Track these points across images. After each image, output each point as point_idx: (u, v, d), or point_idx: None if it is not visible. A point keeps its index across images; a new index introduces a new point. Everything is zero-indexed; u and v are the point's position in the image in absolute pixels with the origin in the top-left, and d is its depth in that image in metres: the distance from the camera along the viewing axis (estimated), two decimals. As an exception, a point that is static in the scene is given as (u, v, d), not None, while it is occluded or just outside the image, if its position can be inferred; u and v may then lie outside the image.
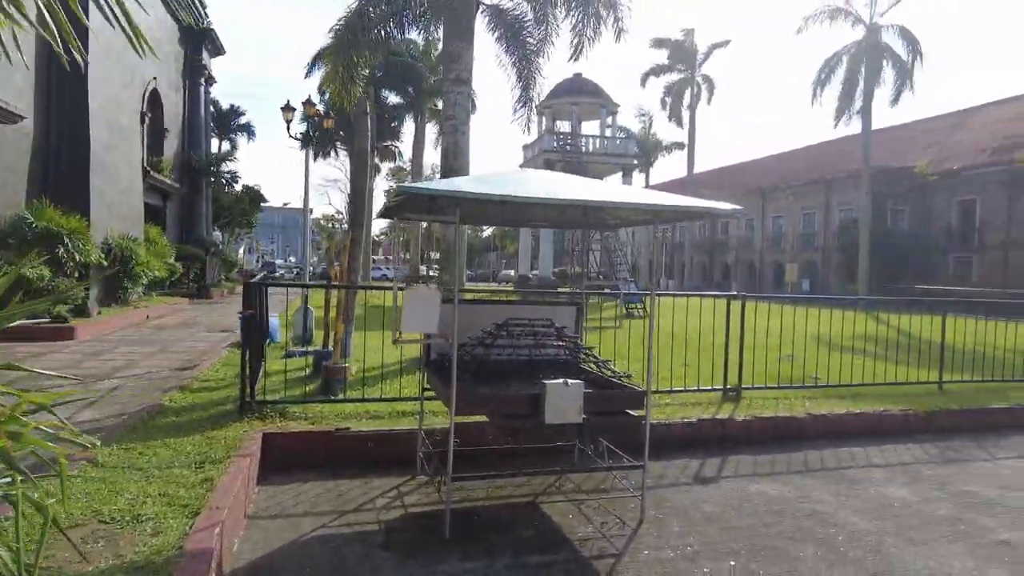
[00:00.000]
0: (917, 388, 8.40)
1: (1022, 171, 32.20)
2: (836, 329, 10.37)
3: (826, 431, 6.66)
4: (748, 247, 50.52)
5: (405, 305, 3.98)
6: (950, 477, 5.51)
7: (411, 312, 3.95)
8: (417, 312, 3.96)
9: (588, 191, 3.89)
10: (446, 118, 9.50)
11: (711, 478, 5.30)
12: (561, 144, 29.13)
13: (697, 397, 7.31)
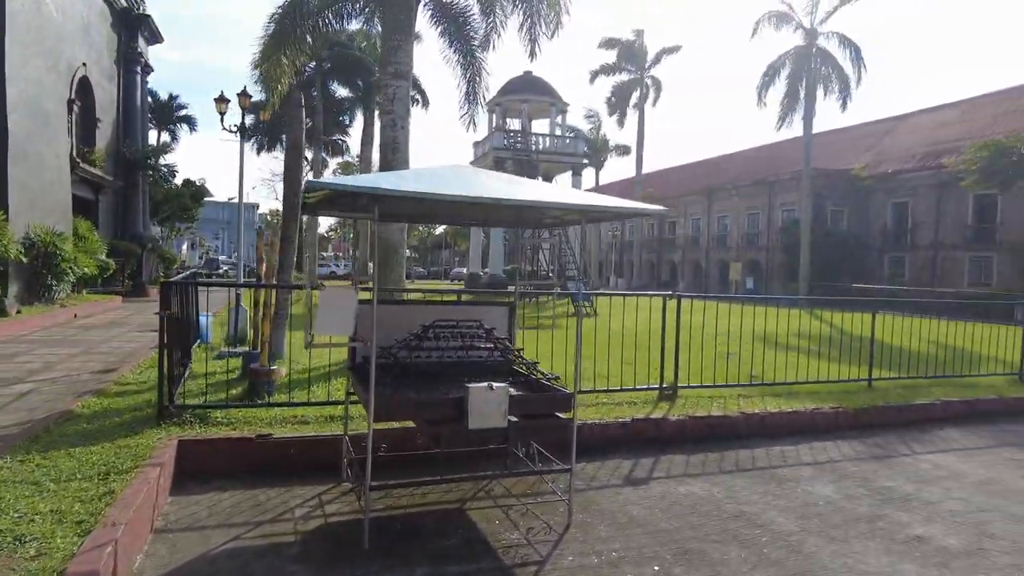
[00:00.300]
0: (849, 385, 8.60)
1: (949, 176, 33.61)
2: (777, 327, 10.56)
3: (759, 429, 6.74)
4: (695, 246, 51.47)
5: (319, 306, 3.80)
6: (873, 473, 5.63)
7: (325, 313, 3.78)
8: (332, 313, 3.79)
9: (511, 190, 3.78)
10: (385, 112, 9.28)
11: (642, 479, 5.28)
12: (511, 142, 29.06)
13: (634, 396, 7.30)
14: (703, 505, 4.73)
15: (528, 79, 32.08)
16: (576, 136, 33.02)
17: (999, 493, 5.22)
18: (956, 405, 7.98)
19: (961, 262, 35.10)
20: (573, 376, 4.57)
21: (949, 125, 39.08)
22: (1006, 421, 7.91)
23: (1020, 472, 5.83)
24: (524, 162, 27.98)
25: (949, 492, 5.20)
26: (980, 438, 7.06)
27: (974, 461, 6.14)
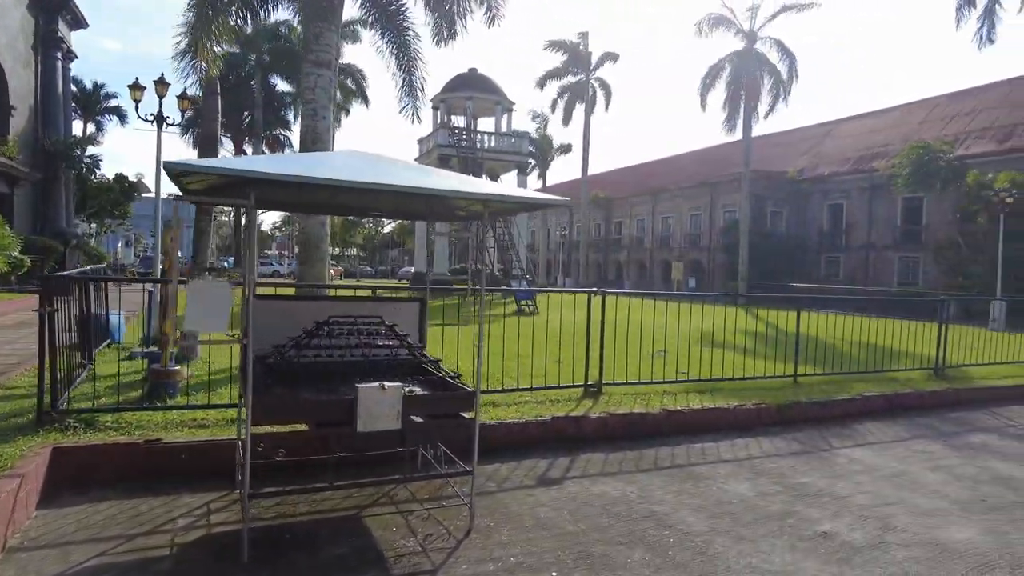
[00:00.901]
0: (775, 382, 8.68)
1: (881, 179, 34.90)
2: (712, 325, 10.59)
3: (682, 427, 6.67)
4: (640, 246, 52.13)
5: (187, 300, 3.49)
6: (790, 469, 5.60)
7: (195, 309, 3.47)
8: (202, 309, 3.48)
9: (401, 177, 3.55)
10: (305, 102, 8.91)
11: (556, 479, 5.11)
12: (456, 140, 28.75)
13: (558, 394, 7.15)
14: (615, 506, 4.59)
15: (473, 76, 31.82)
16: (521, 135, 32.89)
17: (907, 486, 5.25)
18: (875, 400, 8.11)
19: (891, 262, 36.49)
20: (500, 374, 4.36)
21: (880, 130, 40.61)
22: (921, 415, 8.08)
23: (929, 464, 5.91)
24: (469, 160, 27.72)
25: (860, 486, 5.21)
26: (896, 432, 7.17)
27: (888, 454, 6.20)
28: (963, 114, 36.35)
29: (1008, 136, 31.93)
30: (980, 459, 6.18)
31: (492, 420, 5.91)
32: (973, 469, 5.83)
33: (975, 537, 4.24)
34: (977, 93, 37.15)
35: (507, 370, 7.90)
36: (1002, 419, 8.07)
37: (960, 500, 4.97)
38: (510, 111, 33.06)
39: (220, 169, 2.92)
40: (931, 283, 32.60)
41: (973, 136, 33.97)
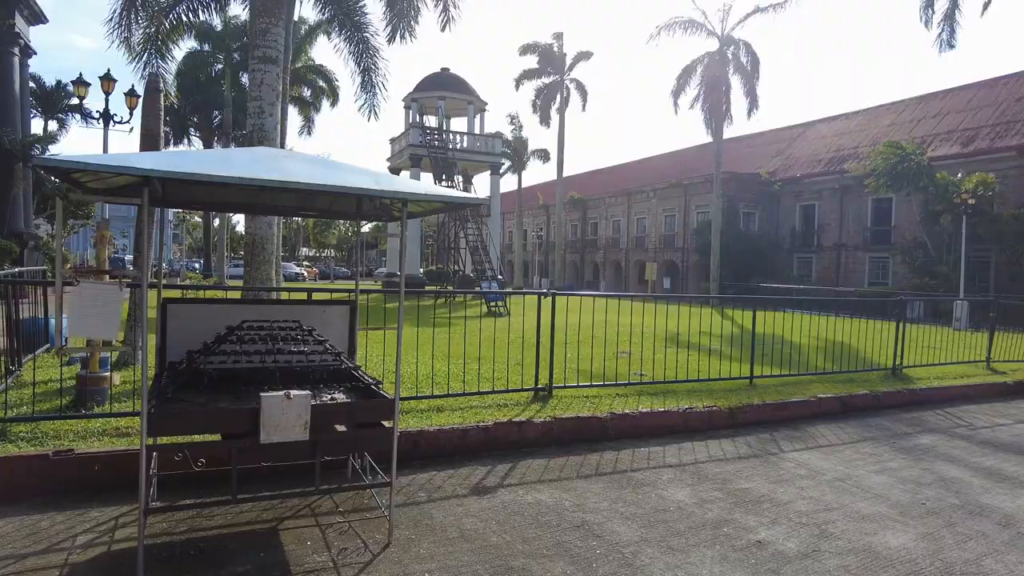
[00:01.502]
0: (732, 383, 8.60)
1: (851, 180, 35.25)
2: (678, 326, 10.52)
3: (629, 430, 6.54)
4: (615, 247, 52.20)
5: (74, 305, 3.26)
6: (734, 474, 5.49)
7: (82, 314, 3.24)
8: (90, 314, 3.26)
9: (300, 174, 3.35)
10: (251, 99, 8.65)
11: (490, 488, 4.94)
12: (428, 140, 28.47)
13: (507, 398, 7.00)
14: (546, 515, 4.43)
15: (445, 76, 31.58)
16: (494, 136, 32.69)
17: (849, 490, 5.16)
18: (830, 401, 8.05)
19: (862, 262, 36.86)
20: (448, 378, 4.17)
21: (850, 133, 41.07)
22: (875, 415, 8.05)
23: (875, 467, 5.83)
24: (441, 160, 27.47)
25: (803, 491, 5.10)
26: (847, 434, 7.10)
27: (835, 457, 6.12)
28: (930, 116, 36.86)
29: (972, 139, 32.42)
30: (926, 461, 6.12)
31: (431, 426, 5.73)
32: (917, 471, 5.76)
33: (909, 544, 4.14)
34: (943, 96, 37.69)
35: (456, 374, 7.73)
36: (953, 419, 8.06)
37: (900, 504, 4.89)
38: (483, 111, 32.84)
39: (92, 165, 2.71)
40: (900, 283, 32.95)
41: (939, 138, 34.45)
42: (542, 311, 7.34)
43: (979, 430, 7.55)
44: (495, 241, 33.19)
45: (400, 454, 5.47)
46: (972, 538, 4.28)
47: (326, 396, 3.98)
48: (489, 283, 22.47)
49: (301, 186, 3.13)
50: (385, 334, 8.32)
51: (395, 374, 4.10)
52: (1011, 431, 7.56)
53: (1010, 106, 32.21)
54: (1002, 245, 26.91)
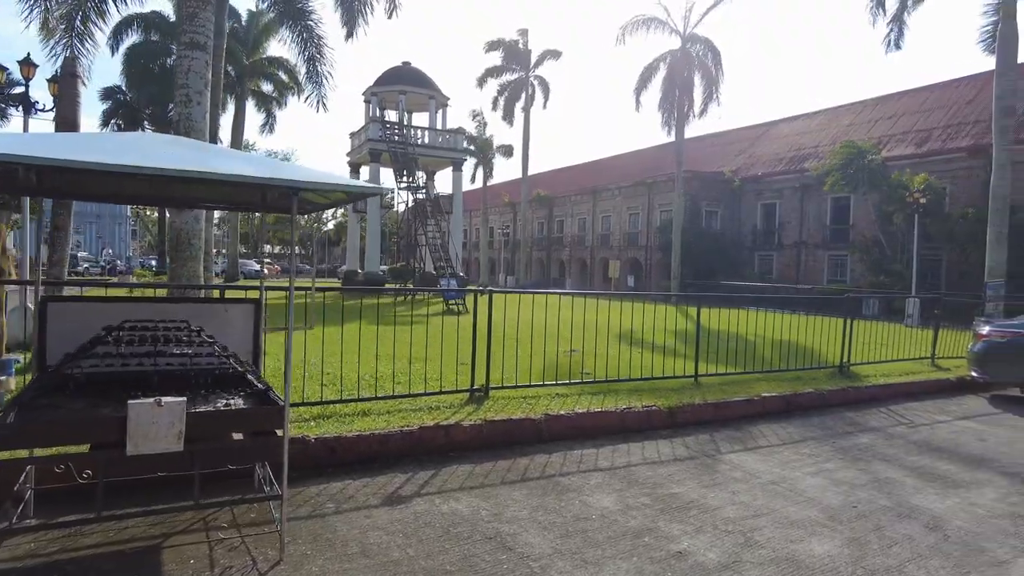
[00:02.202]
0: (676, 382, 8.45)
1: (811, 179, 35.70)
2: (631, 324, 10.32)
3: (565, 432, 6.31)
4: (581, 245, 52.26)
5: None
6: (667, 478, 5.29)
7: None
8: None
9: (172, 159, 3.02)
10: (177, 87, 8.22)
11: (406, 497, 4.65)
12: (388, 134, 27.96)
13: (441, 400, 6.70)
14: (459, 526, 4.17)
15: (406, 70, 31.08)
16: (457, 131, 32.29)
17: (782, 493, 4.99)
18: (774, 400, 7.94)
19: (821, 260, 37.43)
20: (384, 380, 3.86)
21: (810, 132, 41.68)
22: (819, 414, 7.96)
23: (812, 468, 5.69)
24: (401, 155, 26.98)
25: (735, 496, 4.92)
26: (788, 434, 6.98)
27: (773, 459, 5.97)
28: (886, 118, 37.55)
29: (925, 140, 33.09)
30: (863, 461, 6.01)
31: (350, 432, 5.42)
32: (853, 472, 5.64)
33: (834, 551, 3.98)
34: (900, 98, 38.44)
35: (392, 375, 7.42)
36: (894, 417, 8.01)
37: (831, 508, 4.73)
38: (445, 106, 32.42)
39: None
40: (858, 281, 33.52)
41: (895, 139, 35.10)
42: (478, 309, 7.06)
43: (918, 428, 7.51)
44: (457, 238, 32.83)
45: (315, 462, 5.19)
46: (898, 543, 4.14)
47: (213, 402, 3.65)
48: (448, 281, 22.14)
49: (158, 172, 2.80)
50: (326, 332, 7.96)
51: (286, 377, 3.78)
52: (949, 428, 7.53)
53: (961, 108, 32.94)
54: (952, 244, 27.49)
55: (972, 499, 5.06)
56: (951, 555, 3.99)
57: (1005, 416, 8.44)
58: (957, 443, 6.86)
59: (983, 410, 8.83)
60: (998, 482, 5.54)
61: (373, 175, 29.33)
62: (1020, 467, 6.01)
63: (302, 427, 5.51)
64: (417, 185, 25.65)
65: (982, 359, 9.63)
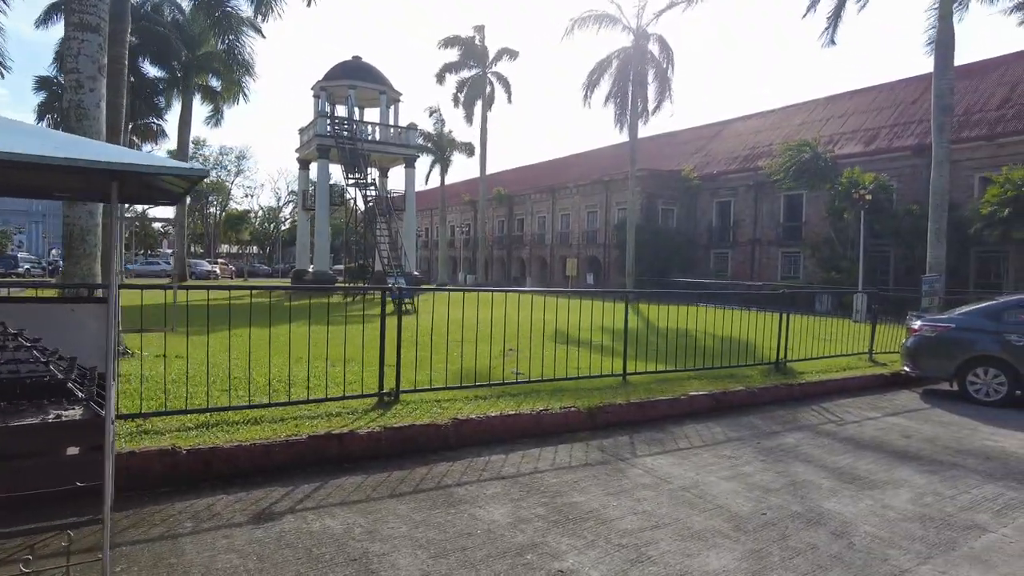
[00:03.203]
0: (605, 381, 8.16)
1: (765, 177, 36.03)
2: (566, 320, 10.02)
3: (476, 437, 5.94)
4: (541, 243, 52.07)
5: None
6: (571, 486, 4.95)
7: None
8: None
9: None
10: (66, 72, 7.61)
11: (278, 514, 4.22)
12: (336, 129, 27.24)
13: (344, 405, 6.27)
14: (325, 545, 3.76)
15: (355, 64, 30.36)
16: (409, 128, 31.67)
17: (689, 501, 4.70)
18: (702, 399, 7.69)
19: (775, 257, 37.80)
20: (276, 384, 3.40)
21: (764, 131, 42.11)
22: (749, 413, 7.74)
23: (728, 472, 5.42)
24: (350, 151, 26.30)
25: (638, 504, 4.61)
26: (713, 434, 6.72)
27: (690, 462, 5.69)
28: (837, 116, 38.12)
29: (873, 138, 33.66)
30: (784, 462, 5.77)
31: (227, 443, 4.96)
32: (771, 475, 5.38)
33: (731, 565, 3.68)
34: (851, 97, 39.06)
35: (309, 378, 6.97)
36: (824, 415, 7.84)
37: (739, 515, 4.45)
38: (397, 102, 31.77)
39: None
40: (810, 277, 33.92)
41: (845, 137, 35.63)
42: (385, 310, 6.63)
43: (847, 425, 7.34)
44: (411, 236, 32.28)
45: (188, 476, 4.72)
46: (801, 553, 3.86)
47: (10, 415, 3.16)
48: (396, 279, 21.61)
49: None
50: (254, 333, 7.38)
51: (107, 385, 3.33)
52: (876, 425, 7.38)
53: (907, 108, 33.59)
54: (898, 240, 27.94)
55: (886, 501, 4.83)
56: (852, 565, 3.73)
57: (933, 412, 8.35)
58: (882, 441, 6.69)
59: (913, 405, 8.75)
60: (915, 481, 5.35)
61: (321, 172, 28.58)
62: (938, 465, 5.84)
63: (179, 437, 5.04)
64: (366, 182, 25.00)
65: (914, 353, 9.57)
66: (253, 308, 8.53)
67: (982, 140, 28.11)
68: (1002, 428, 7.45)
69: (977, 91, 30.95)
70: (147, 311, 8.29)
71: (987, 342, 8.88)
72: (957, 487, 5.24)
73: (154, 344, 8.78)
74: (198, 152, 72.15)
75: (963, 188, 28.17)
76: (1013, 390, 8.66)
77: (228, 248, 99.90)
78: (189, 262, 56.51)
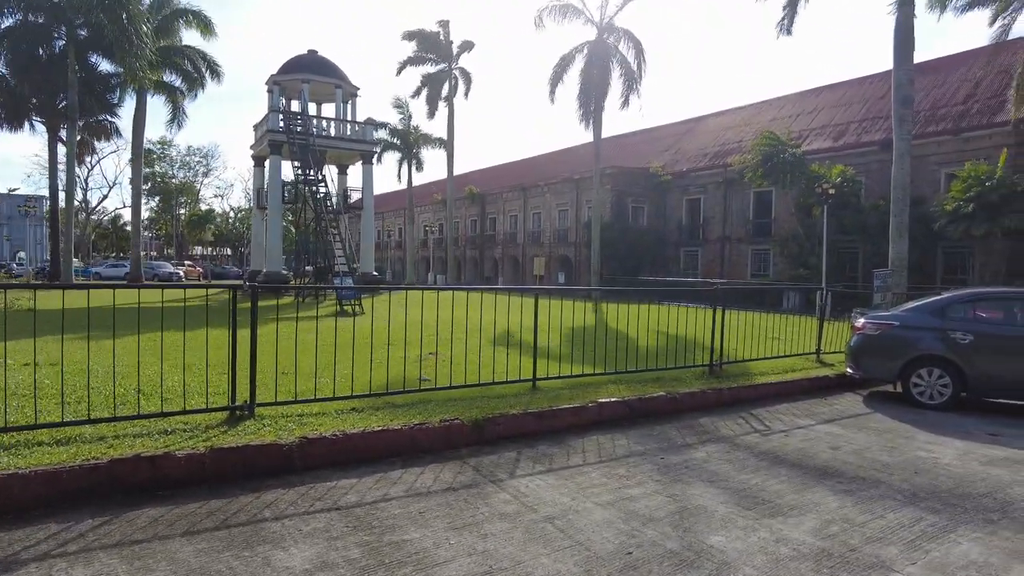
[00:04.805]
0: (514, 387, 7.37)
1: (734, 174, 35.56)
2: (525, 321, 9.14)
3: (329, 458, 5.13)
4: (513, 242, 51.33)
5: None
6: (413, 518, 4.16)
7: None
8: None
9: None
10: None
11: (23, 562, 3.39)
12: (289, 125, 26.22)
13: (187, 420, 5.43)
14: (42, 614, 2.94)
15: (311, 58, 29.36)
16: (366, 123, 30.65)
17: (546, 537, 3.93)
18: (614, 407, 6.94)
19: (745, 254, 37.34)
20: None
21: (735, 127, 41.69)
22: (666, 421, 7.01)
23: (611, 496, 4.66)
24: (304, 147, 25.31)
25: (480, 542, 3.83)
26: (616, 447, 5.97)
27: (573, 483, 4.93)
28: (807, 112, 37.77)
29: (842, 134, 33.29)
30: (683, 483, 5.02)
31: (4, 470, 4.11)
32: (661, 500, 4.63)
33: (552, 630, 2.91)
34: (820, 92, 38.75)
35: (139, 389, 6.13)
36: (753, 423, 7.13)
37: (598, 556, 3.69)
38: (354, 97, 30.76)
39: None
40: (780, 274, 33.48)
41: (814, 133, 35.26)
42: (234, 311, 5.79)
43: (771, 436, 6.62)
44: (369, 234, 31.35)
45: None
46: (652, 610, 3.11)
47: None
48: (342, 279, 20.71)
49: None
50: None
51: None
52: (805, 435, 6.67)
53: (875, 103, 33.24)
54: (865, 236, 27.52)
55: (784, 532, 4.10)
56: (709, 627, 2.98)
57: (873, 417, 7.68)
58: (805, 454, 5.98)
59: (853, 410, 8.07)
60: (826, 504, 4.62)
61: (273, 169, 27.55)
62: (859, 483, 5.13)
63: (-51, 465, 4.18)
64: (316, 179, 24.02)
65: (856, 354, 8.91)
66: (185, 311, 7.64)
67: (948, 135, 27.79)
68: (941, 435, 6.78)
69: (943, 86, 30.67)
70: (58, 315, 7.40)
71: (931, 340, 8.23)
72: (872, 511, 4.53)
73: (25, 351, 7.89)
74: (164, 153, 70.61)
75: (930, 183, 27.83)
76: (958, 392, 8.03)
77: (202, 250, 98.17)
78: (151, 264, 55.16)
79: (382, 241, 73.21)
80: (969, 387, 8.02)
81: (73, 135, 32.28)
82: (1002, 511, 4.59)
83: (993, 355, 7.95)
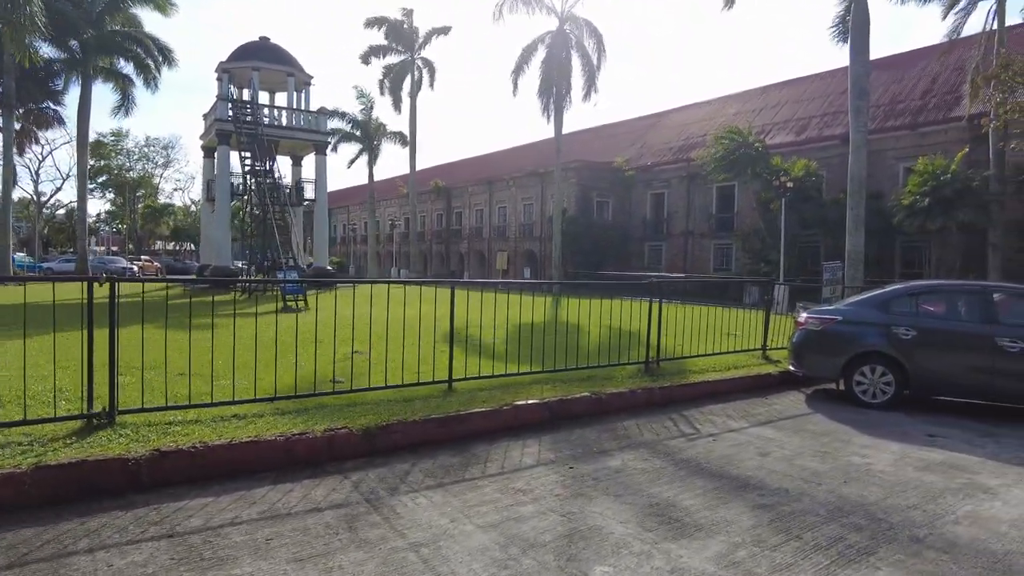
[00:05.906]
0: (429, 389, 6.79)
1: (698, 168, 35.37)
2: (488, 318, 8.53)
3: (186, 474, 4.50)
4: (479, 236, 50.70)
5: None
6: (251, 548, 3.56)
7: None
8: None
9: None
10: None
11: None
12: (238, 114, 25.21)
13: (29, 432, 4.74)
14: None
15: (262, 45, 28.33)
16: (319, 111, 29.74)
17: (403, 570, 3.35)
18: (532, 409, 6.40)
19: (708, 249, 37.25)
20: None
21: (699, 121, 41.58)
22: (591, 424, 6.49)
23: (497, 516, 4.11)
24: (253, 137, 24.33)
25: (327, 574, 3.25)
26: (525, 456, 5.43)
27: (460, 500, 4.37)
28: (770, 107, 37.76)
29: (804, 128, 33.30)
30: (586, 497, 4.50)
31: None
32: (553, 519, 4.09)
33: None
34: (783, 87, 38.79)
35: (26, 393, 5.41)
36: (681, 426, 6.64)
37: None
38: (308, 86, 29.79)
39: None
40: (742, 269, 33.39)
41: (777, 127, 35.24)
42: (91, 307, 5.10)
43: (698, 440, 6.14)
44: (323, 227, 30.46)
45: None
46: (495, 670, 2.56)
47: None
48: (286, 273, 19.90)
49: None
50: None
51: None
52: (735, 439, 6.20)
53: (836, 98, 33.27)
54: (826, 230, 27.47)
55: (684, 559, 3.59)
56: None
57: (812, 418, 7.25)
58: (730, 461, 5.50)
59: (793, 411, 7.65)
60: (740, 523, 4.13)
61: (221, 159, 26.54)
62: (782, 496, 4.66)
63: None
64: (263, 170, 23.11)
65: (798, 350, 8.51)
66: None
67: (906, 130, 27.88)
68: (879, 439, 6.37)
69: (902, 81, 30.79)
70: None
71: (874, 336, 7.85)
72: (789, 530, 4.04)
73: None
74: (119, 144, 68.33)
75: (889, 177, 27.90)
76: (901, 390, 7.66)
77: (163, 245, 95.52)
78: (102, 258, 53.29)
79: (348, 235, 72.01)
80: (912, 385, 7.66)
81: (11, 122, 30.78)
82: (929, 526, 4.15)
83: (935, 351, 7.59)
